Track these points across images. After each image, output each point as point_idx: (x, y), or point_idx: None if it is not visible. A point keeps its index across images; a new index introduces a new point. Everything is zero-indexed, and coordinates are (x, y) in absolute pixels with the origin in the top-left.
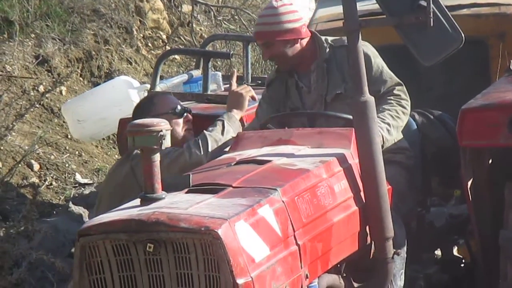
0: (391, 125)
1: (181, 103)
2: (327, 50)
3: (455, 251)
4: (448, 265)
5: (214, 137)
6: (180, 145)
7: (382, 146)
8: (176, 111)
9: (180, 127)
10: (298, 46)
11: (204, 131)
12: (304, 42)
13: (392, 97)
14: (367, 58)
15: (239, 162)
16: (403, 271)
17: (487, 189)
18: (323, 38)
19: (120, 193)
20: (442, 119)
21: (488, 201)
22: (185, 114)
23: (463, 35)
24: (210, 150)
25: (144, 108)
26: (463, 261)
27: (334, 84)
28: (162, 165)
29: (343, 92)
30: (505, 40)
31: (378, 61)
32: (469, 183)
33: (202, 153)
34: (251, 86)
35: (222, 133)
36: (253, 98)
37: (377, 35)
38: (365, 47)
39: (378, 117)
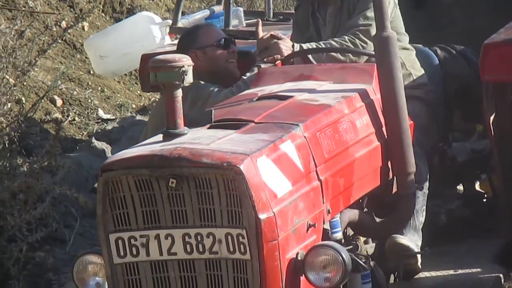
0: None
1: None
2: None
3: (477, 186)
4: (470, 200)
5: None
6: (224, 77)
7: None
8: (221, 43)
9: (224, 59)
10: None
11: (243, 77)
12: None
13: (349, 34)
14: None
15: (261, 98)
16: (425, 207)
17: (509, 123)
18: None
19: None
20: (465, 53)
21: (511, 135)
22: (230, 45)
23: None
24: None
25: (190, 39)
26: (485, 196)
27: (344, 23)
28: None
29: None
30: None
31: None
32: (492, 118)
33: None
34: (272, 21)
35: None
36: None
37: None
38: None
39: (319, 43)
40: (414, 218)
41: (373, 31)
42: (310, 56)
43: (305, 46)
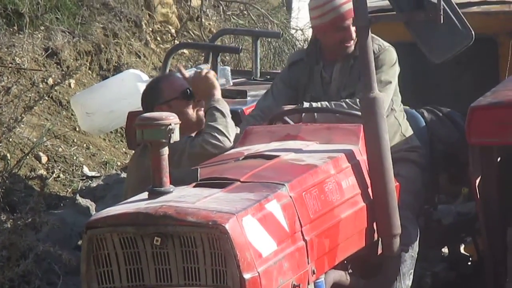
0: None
1: None
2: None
3: (462, 249)
4: (455, 263)
5: (222, 123)
6: (195, 127)
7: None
8: (185, 94)
9: (191, 109)
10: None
11: (208, 123)
12: None
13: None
14: (389, 60)
15: (247, 157)
16: (413, 270)
17: (495, 187)
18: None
19: (144, 187)
20: (451, 116)
21: (496, 199)
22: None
23: (473, 32)
24: (231, 135)
25: (153, 95)
26: (470, 259)
27: (353, 81)
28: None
29: (355, 91)
30: None
31: (391, 74)
32: (477, 181)
33: (224, 143)
34: (259, 80)
35: (225, 116)
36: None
37: (387, 32)
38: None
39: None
40: (401, 281)
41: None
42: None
43: (315, 104)
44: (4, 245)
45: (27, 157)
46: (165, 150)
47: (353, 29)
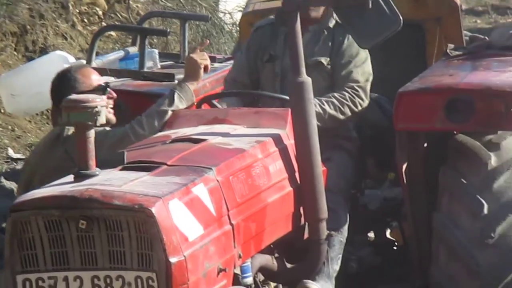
0: (327, 113)
1: (117, 80)
2: (334, 22)
3: (388, 234)
4: (380, 247)
5: (160, 112)
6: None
7: None
8: (100, 88)
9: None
10: None
11: (152, 106)
12: None
13: (350, 90)
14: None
15: (175, 140)
16: (341, 255)
17: (421, 172)
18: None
19: (56, 177)
20: (378, 101)
21: (422, 184)
22: (108, 90)
23: (401, 18)
24: (157, 126)
25: (66, 85)
26: (396, 244)
27: (322, 52)
28: (104, 146)
29: (325, 64)
30: (441, 25)
31: (366, 53)
32: (404, 166)
33: (147, 131)
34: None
35: (170, 105)
36: (206, 68)
37: None
38: None
39: (320, 100)
40: (328, 265)
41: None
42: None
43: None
44: None
45: None
46: (91, 133)
47: None
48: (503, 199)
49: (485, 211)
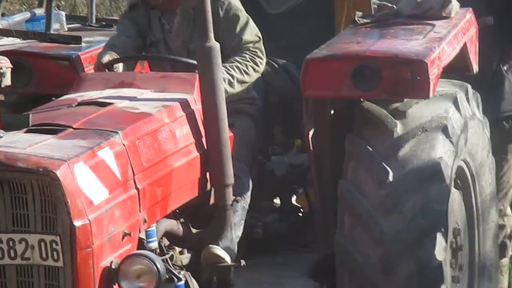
0: (235, 77)
1: (23, 41)
2: None
3: (294, 200)
4: (286, 213)
5: None
6: None
7: None
8: None
9: None
10: None
11: None
12: None
13: (247, 52)
14: (236, 9)
15: (81, 104)
16: (243, 221)
17: (328, 139)
18: None
19: None
20: (287, 68)
21: (328, 151)
22: None
23: None
24: None
25: None
26: (302, 210)
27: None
28: None
29: None
30: None
31: (245, 14)
32: (311, 133)
33: None
34: (95, 27)
35: None
36: None
37: None
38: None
39: (225, 67)
40: (231, 231)
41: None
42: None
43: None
44: None
45: None
46: None
47: None
48: (408, 167)
49: (390, 178)
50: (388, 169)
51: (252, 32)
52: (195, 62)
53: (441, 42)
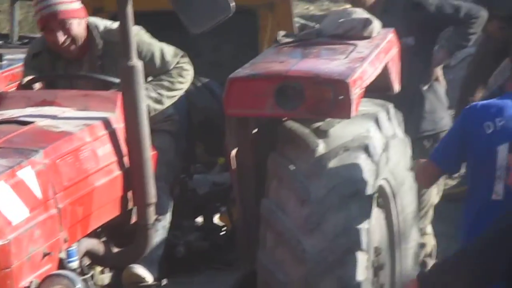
0: (163, 95)
1: None
2: (100, 46)
3: (216, 219)
4: (209, 232)
5: None
6: None
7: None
8: None
9: None
10: (84, 28)
11: None
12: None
13: (173, 70)
14: (147, 45)
15: (1, 122)
16: (165, 240)
17: (250, 158)
18: (95, 26)
19: None
20: (210, 86)
21: (251, 170)
22: None
23: (232, 4)
24: None
25: None
26: (224, 228)
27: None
28: None
29: None
30: (274, 11)
31: (157, 45)
32: (233, 151)
33: None
34: (17, 44)
35: None
36: None
37: (147, 1)
38: (138, 36)
39: (152, 85)
40: (153, 250)
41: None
42: None
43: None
44: None
45: None
46: None
47: (76, 24)
48: (329, 185)
49: (312, 197)
50: (310, 188)
51: (171, 54)
52: (116, 80)
53: (363, 62)
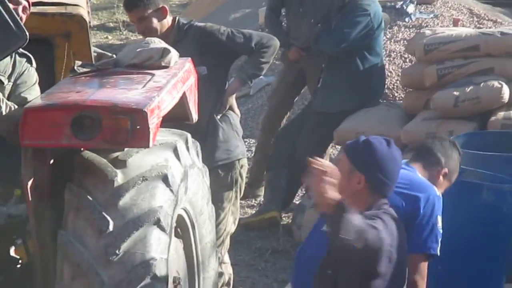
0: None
1: None
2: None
3: (12, 252)
4: (3, 265)
5: None
6: None
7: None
8: None
9: None
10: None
11: None
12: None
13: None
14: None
15: None
16: None
17: (47, 189)
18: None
19: None
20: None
21: (48, 201)
22: None
23: (27, 33)
24: None
25: None
26: (20, 261)
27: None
28: None
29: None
30: (70, 40)
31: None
32: (30, 183)
33: None
34: None
35: None
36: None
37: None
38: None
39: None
40: None
41: None
42: None
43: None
44: None
45: None
46: None
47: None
48: (128, 216)
49: (110, 228)
50: (108, 218)
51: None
52: None
53: (161, 91)
